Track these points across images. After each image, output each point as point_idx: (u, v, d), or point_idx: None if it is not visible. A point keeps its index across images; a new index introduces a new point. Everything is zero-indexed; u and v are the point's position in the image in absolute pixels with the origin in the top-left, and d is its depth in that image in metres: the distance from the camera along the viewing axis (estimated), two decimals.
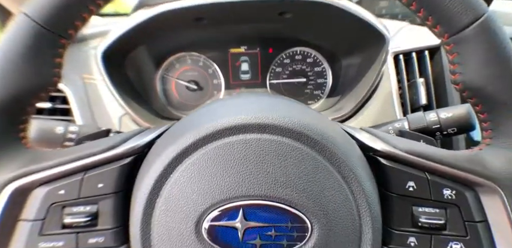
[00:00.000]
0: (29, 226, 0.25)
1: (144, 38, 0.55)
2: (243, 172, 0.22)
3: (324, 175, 0.23)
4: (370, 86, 0.54)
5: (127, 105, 0.52)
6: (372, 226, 0.23)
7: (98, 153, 0.26)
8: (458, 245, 0.25)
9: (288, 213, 0.22)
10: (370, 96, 0.55)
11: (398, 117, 0.53)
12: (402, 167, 0.26)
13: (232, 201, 0.22)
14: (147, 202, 0.23)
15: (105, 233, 0.25)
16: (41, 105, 0.55)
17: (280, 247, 0.22)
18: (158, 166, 0.23)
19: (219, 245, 0.22)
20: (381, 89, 0.55)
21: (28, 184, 0.25)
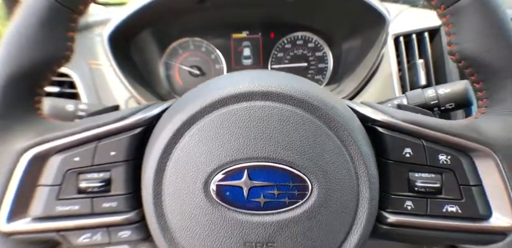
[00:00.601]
0: (47, 191, 0.26)
1: (149, 21, 0.56)
2: (247, 136, 0.24)
3: (323, 139, 0.24)
4: (370, 68, 0.55)
5: (133, 88, 0.53)
6: (369, 186, 0.24)
7: (109, 123, 0.27)
8: (454, 208, 0.26)
9: (290, 173, 0.24)
10: (371, 78, 0.55)
11: None
12: (399, 135, 0.27)
13: (237, 163, 0.24)
14: (158, 165, 0.24)
15: (118, 198, 0.27)
16: (49, 89, 0.56)
17: (282, 204, 0.23)
18: (168, 132, 0.25)
19: (226, 203, 0.24)
20: (381, 71, 0.55)
21: (45, 151, 0.26)
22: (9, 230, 0.26)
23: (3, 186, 0.25)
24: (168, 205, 0.24)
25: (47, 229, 0.26)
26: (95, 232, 0.27)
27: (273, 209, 0.24)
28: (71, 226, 0.26)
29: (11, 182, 0.26)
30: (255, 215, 0.24)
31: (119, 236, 0.27)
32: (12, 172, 0.26)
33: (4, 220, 0.25)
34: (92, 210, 0.26)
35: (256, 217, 0.24)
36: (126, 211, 0.27)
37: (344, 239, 0.24)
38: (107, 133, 0.27)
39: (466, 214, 0.26)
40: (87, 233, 0.27)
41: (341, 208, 0.24)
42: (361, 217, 0.24)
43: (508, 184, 0.25)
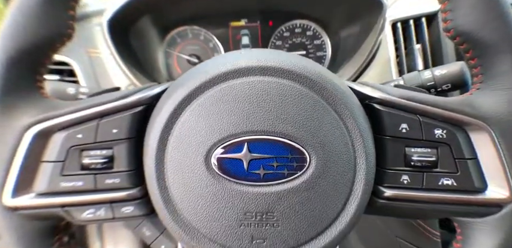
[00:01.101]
0: (51, 167, 0.27)
1: (148, 7, 0.56)
2: (247, 111, 0.24)
3: (321, 113, 0.24)
4: (368, 54, 0.55)
5: (132, 75, 0.54)
6: (365, 158, 0.25)
7: (111, 101, 0.28)
8: (449, 181, 0.27)
9: (288, 146, 0.24)
10: (369, 64, 0.56)
11: None
12: (395, 111, 0.27)
13: (237, 136, 0.24)
14: (159, 139, 0.25)
15: (121, 175, 0.27)
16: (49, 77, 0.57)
17: (281, 175, 0.24)
18: (169, 107, 0.25)
19: (227, 175, 0.24)
20: (378, 57, 0.56)
21: (48, 128, 0.27)
22: (14, 205, 0.26)
23: (7, 161, 0.26)
24: (171, 178, 0.25)
25: (51, 204, 0.27)
26: (99, 208, 0.28)
27: (272, 181, 0.24)
28: (75, 201, 0.27)
29: (15, 158, 0.26)
30: (255, 186, 0.24)
31: (122, 212, 0.28)
32: (16, 149, 0.26)
33: (9, 195, 0.26)
34: (95, 186, 0.27)
35: (256, 188, 0.24)
36: (128, 187, 0.28)
37: (341, 209, 0.25)
38: (109, 111, 0.27)
39: (462, 187, 0.27)
40: (91, 208, 0.28)
41: (338, 179, 0.24)
42: (358, 187, 0.25)
43: (502, 156, 0.26)
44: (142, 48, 0.62)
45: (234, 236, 0.24)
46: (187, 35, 0.66)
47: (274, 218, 0.24)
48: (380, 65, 0.55)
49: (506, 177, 0.26)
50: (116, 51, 0.53)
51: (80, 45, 0.59)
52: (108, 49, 0.54)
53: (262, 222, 0.24)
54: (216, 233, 0.24)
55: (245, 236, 0.24)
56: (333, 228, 0.25)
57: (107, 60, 0.58)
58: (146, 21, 0.60)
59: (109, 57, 0.56)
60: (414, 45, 0.53)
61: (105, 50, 0.58)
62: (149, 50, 0.63)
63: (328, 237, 0.25)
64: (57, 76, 0.56)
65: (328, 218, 0.25)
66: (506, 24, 0.25)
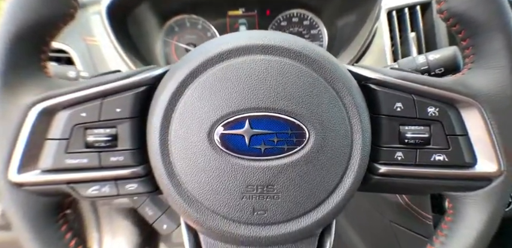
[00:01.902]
0: (56, 145, 0.27)
1: None
2: (248, 88, 0.25)
3: (320, 90, 0.25)
4: (363, 43, 0.56)
5: (131, 62, 0.54)
6: (362, 133, 0.26)
7: (114, 81, 0.28)
8: (441, 156, 0.28)
9: (288, 122, 0.25)
10: (364, 53, 0.57)
11: None
12: (390, 90, 0.28)
13: (239, 113, 0.25)
14: (163, 117, 0.26)
15: (125, 153, 0.28)
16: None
17: (281, 150, 0.25)
18: (172, 85, 0.26)
19: (229, 150, 0.25)
20: (374, 46, 0.57)
21: (52, 106, 0.27)
22: (20, 181, 0.27)
23: (12, 138, 0.27)
24: (175, 154, 0.26)
25: (56, 180, 0.28)
26: (103, 185, 0.28)
27: (272, 155, 0.25)
28: (80, 178, 0.28)
29: (20, 135, 0.27)
30: (256, 160, 0.25)
31: (126, 189, 0.29)
32: (21, 126, 0.27)
33: (15, 171, 0.27)
34: (100, 164, 0.28)
35: (257, 162, 0.25)
36: (132, 165, 0.28)
37: (339, 182, 0.26)
38: (112, 90, 0.28)
39: (453, 162, 0.28)
40: (96, 185, 0.28)
41: (336, 153, 0.26)
42: (355, 162, 0.26)
43: (492, 133, 0.27)
44: (141, 37, 0.62)
45: (236, 208, 0.25)
46: (185, 23, 0.66)
47: (275, 191, 0.25)
48: (375, 53, 0.56)
49: (495, 152, 0.27)
50: (115, 38, 0.53)
51: (77, 33, 0.59)
52: (106, 36, 0.54)
53: (263, 194, 0.25)
54: (219, 206, 0.25)
55: (247, 208, 0.25)
56: (330, 200, 0.26)
57: (105, 48, 0.58)
58: (144, 9, 0.60)
59: (107, 44, 0.57)
60: (409, 33, 0.55)
61: (102, 38, 0.58)
62: (147, 39, 0.64)
63: (325, 209, 0.26)
64: (55, 63, 0.56)
65: (326, 190, 0.26)
66: (498, 4, 0.26)
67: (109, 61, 0.58)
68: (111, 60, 0.57)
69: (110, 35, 0.53)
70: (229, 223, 0.26)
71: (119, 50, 0.53)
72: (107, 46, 0.57)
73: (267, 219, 0.26)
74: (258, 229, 0.26)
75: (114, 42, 0.53)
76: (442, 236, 0.30)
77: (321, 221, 0.26)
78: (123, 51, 0.53)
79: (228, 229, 0.26)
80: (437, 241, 0.30)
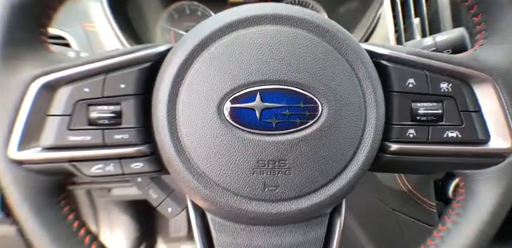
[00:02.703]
0: (58, 121, 0.26)
1: None
2: (259, 60, 0.24)
3: (333, 62, 0.25)
4: (366, 30, 0.55)
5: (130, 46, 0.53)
6: (376, 107, 0.25)
7: (118, 55, 0.27)
8: (454, 133, 0.27)
9: (301, 95, 0.24)
10: (367, 40, 0.56)
11: None
12: (403, 66, 0.28)
13: (250, 86, 0.24)
14: (171, 90, 0.25)
15: (129, 131, 0.27)
16: None
17: (293, 124, 0.24)
18: (180, 57, 0.25)
19: (239, 124, 0.24)
20: (377, 32, 0.56)
21: (54, 81, 0.26)
22: (20, 158, 0.26)
23: (12, 114, 0.25)
24: (183, 129, 0.25)
25: (58, 158, 0.27)
26: (107, 163, 0.27)
27: (284, 129, 0.24)
28: (83, 156, 0.27)
29: (20, 111, 0.26)
30: (267, 135, 0.24)
31: (132, 168, 0.28)
32: (22, 101, 0.26)
33: (15, 148, 0.26)
34: (104, 141, 0.27)
35: (269, 137, 0.24)
36: (138, 143, 0.27)
37: (351, 158, 0.25)
38: (116, 65, 0.27)
39: (466, 139, 0.27)
40: (100, 164, 0.27)
41: (349, 128, 0.25)
42: (368, 136, 0.25)
43: (505, 108, 0.27)
44: (140, 24, 0.61)
45: (246, 184, 0.25)
46: (185, 10, 0.65)
47: (286, 166, 0.25)
48: (379, 40, 0.56)
49: (509, 128, 0.27)
50: (116, 25, 0.52)
51: (75, 19, 0.57)
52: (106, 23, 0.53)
53: (274, 170, 0.25)
54: (229, 182, 0.25)
55: (257, 183, 0.25)
56: (342, 176, 0.25)
57: (103, 34, 0.57)
58: None
59: (105, 31, 0.55)
60: (413, 19, 0.54)
61: (101, 24, 0.57)
62: (147, 26, 0.62)
63: (338, 185, 0.25)
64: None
65: (339, 166, 0.25)
66: None
67: (107, 47, 0.56)
68: (109, 46, 0.56)
69: (111, 21, 0.51)
70: (239, 199, 0.25)
71: (119, 36, 0.52)
72: (106, 32, 0.55)
73: (278, 195, 0.25)
74: (268, 205, 0.25)
75: (115, 29, 0.52)
76: (454, 215, 0.29)
77: (333, 198, 0.26)
78: (124, 38, 0.52)
79: (238, 205, 0.25)
80: (449, 220, 0.30)
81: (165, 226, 1.10)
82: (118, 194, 0.80)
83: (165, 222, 1.09)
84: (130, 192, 0.77)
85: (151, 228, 1.10)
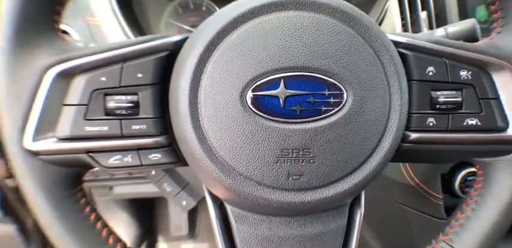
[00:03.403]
0: (74, 110, 0.26)
1: None
2: (282, 46, 0.24)
3: (358, 48, 0.24)
4: None
5: None
6: (400, 94, 0.25)
7: (135, 44, 0.27)
8: (474, 121, 0.27)
9: (326, 82, 0.24)
10: None
11: None
12: (422, 55, 0.28)
13: (273, 73, 0.24)
14: (192, 78, 0.24)
15: (147, 121, 0.27)
16: None
17: (318, 112, 0.24)
18: (201, 45, 0.24)
19: (263, 112, 0.24)
20: (384, 27, 0.56)
21: (70, 69, 0.25)
22: (35, 149, 0.25)
23: (27, 103, 0.25)
24: (205, 118, 0.24)
25: (75, 149, 0.26)
26: (125, 154, 0.27)
27: (308, 117, 0.24)
28: (101, 146, 0.26)
29: (35, 100, 0.25)
30: (291, 123, 0.24)
31: (150, 159, 0.27)
32: (37, 90, 0.25)
33: (30, 139, 0.25)
34: (122, 132, 0.26)
35: (293, 125, 0.24)
36: (155, 134, 0.27)
37: (376, 145, 0.25)
38: (133, 54, 0.26)
39: (486, 126, 0.27)
40: (118, 155, 0.27)
41: (374, 115, 0.25)
42: (393, 124, 0.25)
43: None
44: (144, 18, 0.60)
45: (270, 173, 0.24)
46: (189, 5, 0.64)
47: (311, 155, 0.24)
48: None
49: None
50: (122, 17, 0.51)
51: (76, 13, 0.57)
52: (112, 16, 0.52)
53: (298, 158, 0.24)
54: (252, 171, 0.24)
55: (281, 172, 0.24)
56: (367, 164, 0.25)
57: (107, 28, 0.56)
58: None
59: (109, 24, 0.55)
60: (419, 12, 0.54)
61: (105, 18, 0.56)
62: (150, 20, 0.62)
63: (363, 173, 0.25)
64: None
65: (364, 154, 0.25)
66: None
67: (111, 41, 0.55)
68: (113, 40, 0.55)
69: (118, 15, 0.51)
70: (262, 188, 0.25)
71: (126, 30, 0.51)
72: (110, 26, 0.54)
73: (303, 184, 0.25)
74: (292, 194, 0.25)
75: (122, 23, 0.51)
76: (473, 203, 0.30)
77: (358, 187, 0.25)
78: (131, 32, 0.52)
79: (261, 194, 0.25)
80: (468, 208, 0.30)
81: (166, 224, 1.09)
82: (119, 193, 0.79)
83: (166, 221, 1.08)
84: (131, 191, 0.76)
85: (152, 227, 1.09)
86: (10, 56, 0.25)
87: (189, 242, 1.09)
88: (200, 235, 1.08)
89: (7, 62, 0.24)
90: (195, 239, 1.08)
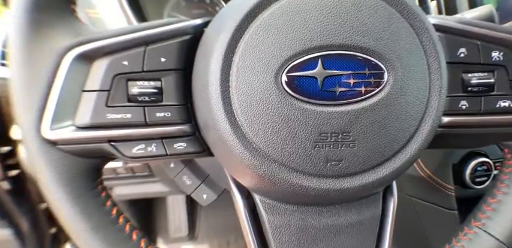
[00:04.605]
0: (95, 96, 0.24)
1: None
2: (319, 23, 0.22)
3: (397, 26, 0.23)
4: None
5: None
6: (440, 74, 0.24)
7: (157, 26, 0.25)
8: (506, 102, 0.27)
9: (365, 61, 0.23)
10: None
11: None
12: (454, 36, 0.27)
13: (310, 52, 0.22)
14: (224, 60, 0.23)
15: (171, 108, 0.25)
16: None
17: (358, 93, 0.23)
18: (230, 25, 0.23)
19: (299, 94, 0.22)
20: None
21: (90, 51, 0.24)
22: (54, 138, 0.23)
23: (45, 88, 0.23)
24: (237, 102, 0.23)
25: (96, 138, 0.24)
26: (149, 143, 0.25)
27: (348, 99, 0.23)
28: (124, 135, 0.24)
29: (54, 84, 0.23)
30: (330, 105, 0.23)
31: (175, 148, 0.26)
32: (55, 74, 0.23)
33: (47, 127, 0.23)
34: (145, 119, 0.24)
35: (331, 108, 0.23)
36: (180, 122, 0.25)
37: (417, 128, 0.24)
38: (156, 36, 0.25)
39: None
40: (141, 144, 0.25)
41: (415, 96, 0.24)
42: (433, 105, 0.24)
43: None
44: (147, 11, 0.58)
45: (307, 159, 0.23)
46: None
47: (351, 139, 0.23)
48: None
49: None
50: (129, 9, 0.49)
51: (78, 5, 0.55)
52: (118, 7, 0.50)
53: (337, 143, 0.23)
54: (288, 157, 0.23)
55: (319, 158, 0.23)
56: (408, 148, 0.24)
57: (107, 21, 0.54)
58: None
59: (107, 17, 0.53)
60: (429, 2, 0.54)
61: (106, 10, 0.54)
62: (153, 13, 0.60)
63: (402, 158, 0.24)
64: None
65: (404, 137, 0.24)
66: None
67: None
68: None
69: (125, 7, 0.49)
70: (299, 175, 0.23)
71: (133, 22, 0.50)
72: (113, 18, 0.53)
73: (342, 170, 0.23)
74: (331, 181, 0.23)
75: (129, 15, 0.49)
76: (504, 187, 0.29)
77: (397, 172, 0.24)
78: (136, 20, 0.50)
79: (298, 181, 0.23)
80: (499, 192, 0.29)
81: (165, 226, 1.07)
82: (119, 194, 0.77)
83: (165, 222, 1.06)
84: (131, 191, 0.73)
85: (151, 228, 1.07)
86: (26, 36, 0.23)
87: (189, 243, 1.07)
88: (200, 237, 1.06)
89: (23, 43, 0.23)
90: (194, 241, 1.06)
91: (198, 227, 1.06)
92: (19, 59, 0.23)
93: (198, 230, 1.06)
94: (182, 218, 1.04)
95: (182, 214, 1.03)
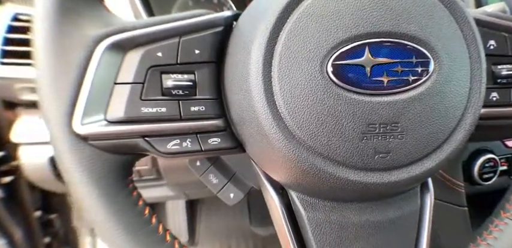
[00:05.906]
0: (128, 89, 0.22)
1: None
2: (366, 10, 0.22)
3: (440, 15, 0.23)
4: None
5: None
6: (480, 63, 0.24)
7: (190, 17, 0.24)
8: None
9: (413, 49, 0.22)
10: None
11: None
12: (483, 29, 0.27)
13: (357, 40, 0.22)
14: (266, 49, 0.22)
15: (205, 102, 0.24)
16: None
17: (406, 82, 0.22)
18: (272, 13, 0.22)
19: (346, 84, 0.22)
20: None
21: (123, 41, 0.22)
22: (86, 132, 0.21)
23: (77, 80, 0.21)
24: (279, 93, 0.22)
25: (130, 132, 0.23)
26: (184, 139, 0.24)
27: (397, 88, 0.22)
28: (158, 130, 0.23)
29: (85, 76, 0.21)
30: (378, 95, 0.22)
31: (210, 144, 0.24)
32: (88, 64, 0.21)
33: (78, 121, 0.21)
34: (180, 114, 0.23)
35: (380, 97, 0.22)
36: (213, 117, 0.24)
37: (461, 118, 0.24)
38: (190, 27, 0.24)
39: None
40: (176, 139, 0.24)
41: (459, 85, 0.23)
42: (475, 94, 0.24)
43: None
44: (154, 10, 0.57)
45: (355, 152, 0.22)
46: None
47: (399, 129, 0.22)
48: None
49: None
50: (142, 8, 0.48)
51: None
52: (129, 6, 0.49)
53: (386, 134, 0.22)
54: (334, 150, 0.22)
55: (367, 150, 0.22)
56: (452, 138, 0.24)
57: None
58: None
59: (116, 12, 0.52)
60: None
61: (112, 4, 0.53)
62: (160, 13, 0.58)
63: (448, 148, 0.24)
64: None
65: (450, 127, 0.23)
66: None
67: None
68: None
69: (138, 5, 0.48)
70: (345, 169, 0.22)
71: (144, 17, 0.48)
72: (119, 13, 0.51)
73: (390, 162, 0.23)
74: (378, 174, 0.23)
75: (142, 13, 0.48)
76: None
77: (442, 163, 0.24)
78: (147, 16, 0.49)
79: (344, 175, 0.22)
80: None
81: None
82: None
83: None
84: None
85: None
86: (55, 24, 0.21)
87: None
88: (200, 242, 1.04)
89: (52, 31, 0.21)
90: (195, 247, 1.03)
91: (198, 233, 1.03)
92: (48, 49, 0.21)
93: (199, 236, 1.04)
94: (182, 224, 1.01)
95: (182, 220, 1.00)
